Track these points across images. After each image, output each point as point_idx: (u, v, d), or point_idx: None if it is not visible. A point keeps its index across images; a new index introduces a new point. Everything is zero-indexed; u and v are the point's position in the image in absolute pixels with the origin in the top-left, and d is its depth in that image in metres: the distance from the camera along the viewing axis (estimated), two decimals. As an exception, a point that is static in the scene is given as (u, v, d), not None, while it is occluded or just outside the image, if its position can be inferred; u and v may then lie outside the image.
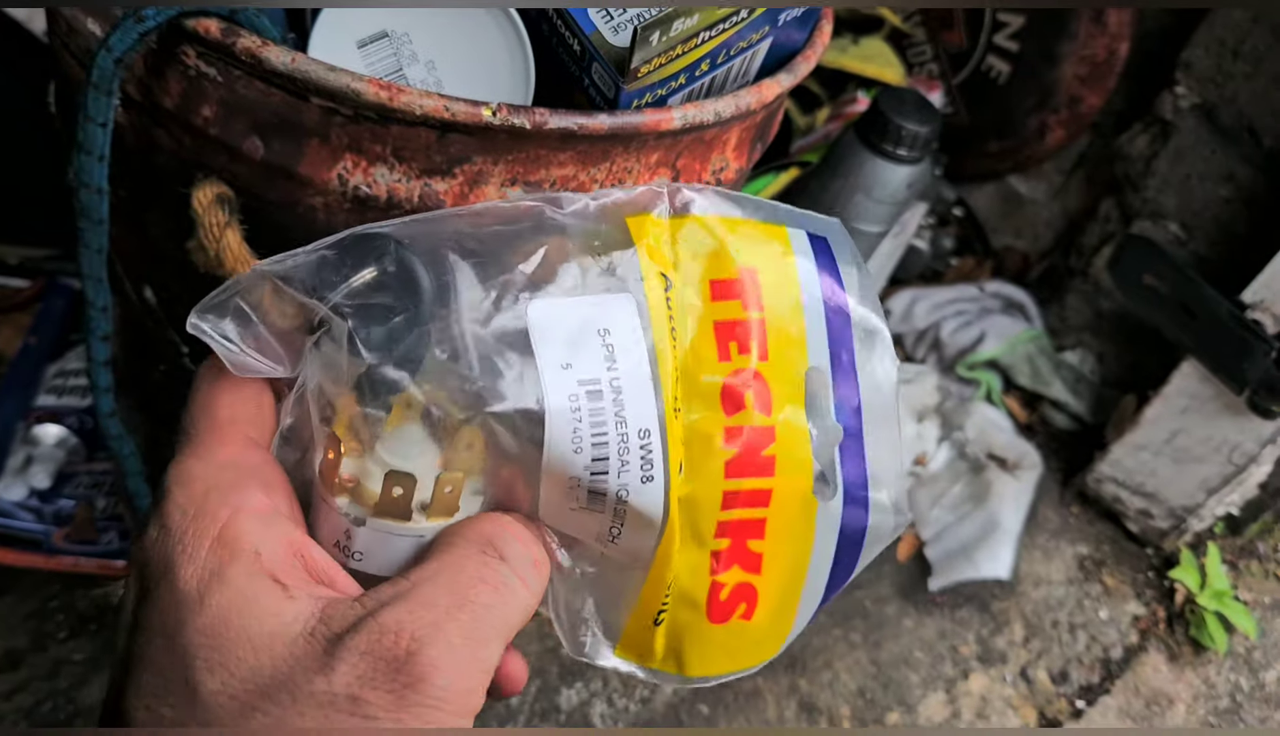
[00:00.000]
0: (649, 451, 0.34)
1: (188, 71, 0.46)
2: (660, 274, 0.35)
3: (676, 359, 0.35)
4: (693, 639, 0.39)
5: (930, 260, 1.23)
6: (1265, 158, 0.98)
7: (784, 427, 0.36)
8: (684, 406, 0.35)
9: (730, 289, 0.36)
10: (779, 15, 0.53)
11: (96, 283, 0.51)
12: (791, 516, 0.38)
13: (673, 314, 0.35)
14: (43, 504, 0.81)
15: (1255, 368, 0.89)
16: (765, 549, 0.38)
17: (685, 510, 0.36)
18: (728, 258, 0.36)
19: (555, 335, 0.34)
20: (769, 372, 0.36)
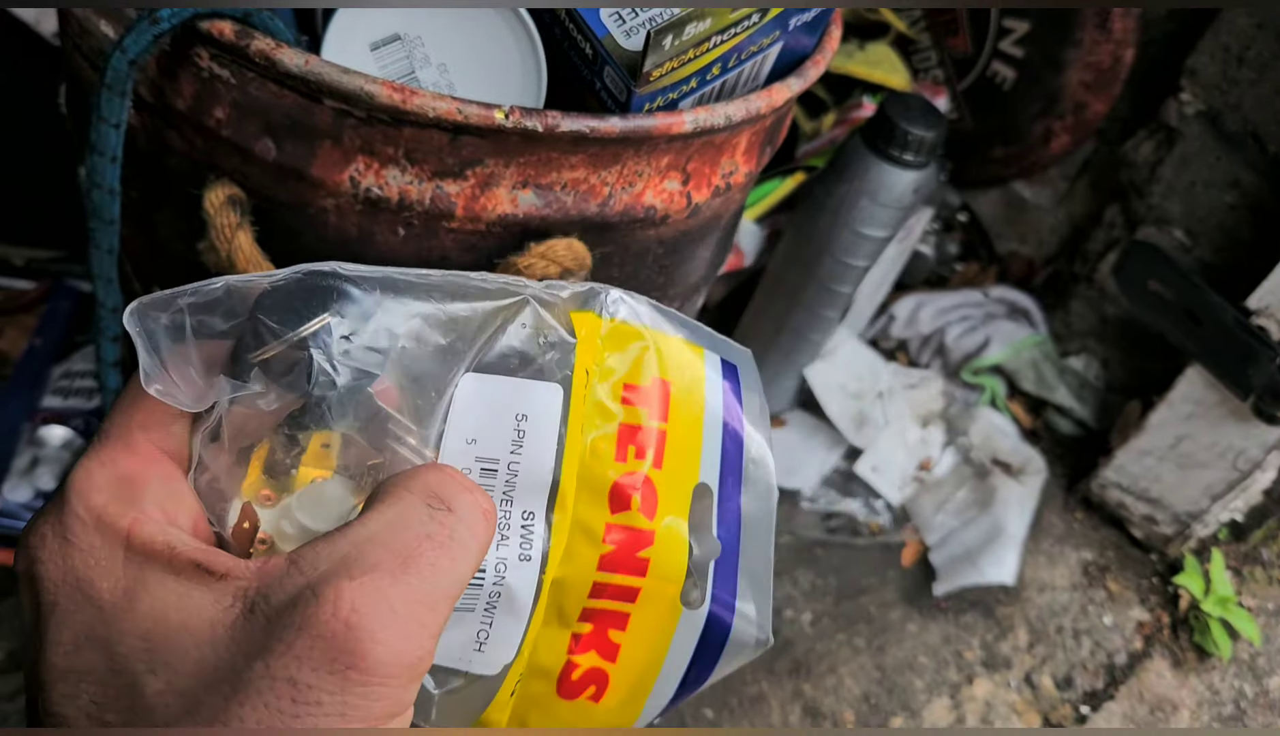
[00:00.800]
0: (530, 532, 0.36)
1: (201, 73, 0.46)
2: (586, 370, 0.37)
3: (580, 453, 0.37)
4: (539, 711, 0.40)
5: (935, 265, 1.23)
6: (1270, 164, 0.98)
7: (664, 533, 0.38)
8: (575, 498, 0.37)
9: (641, 396, 0.38)
10: (790, 20, 0.53)
11: (107, 283, 0.51)
12: (655, 615, 0.39)
13: (586, 410, 0.37)
14: (48, 505, 0.81)
15: (1260, 373, 0.89)
16: (624, 640, 0.39)
17: (555, 591, 0.37)
18: (646, 367, 0.38)
19: (473, 409, 0.35)
20: (660, 480, 0.38)
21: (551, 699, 0.39)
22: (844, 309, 1.02)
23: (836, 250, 0.95)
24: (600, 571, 0.37)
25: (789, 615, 0.93)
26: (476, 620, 0.36)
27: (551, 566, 0.36)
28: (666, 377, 0.39)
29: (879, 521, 1.04)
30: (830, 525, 1.02)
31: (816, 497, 1.04)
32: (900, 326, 1.19)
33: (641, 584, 0.38)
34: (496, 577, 0.35)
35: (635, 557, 0.38)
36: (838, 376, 1.08)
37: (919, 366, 1.19)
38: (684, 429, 0.39)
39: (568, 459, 0.36)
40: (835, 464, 1.07)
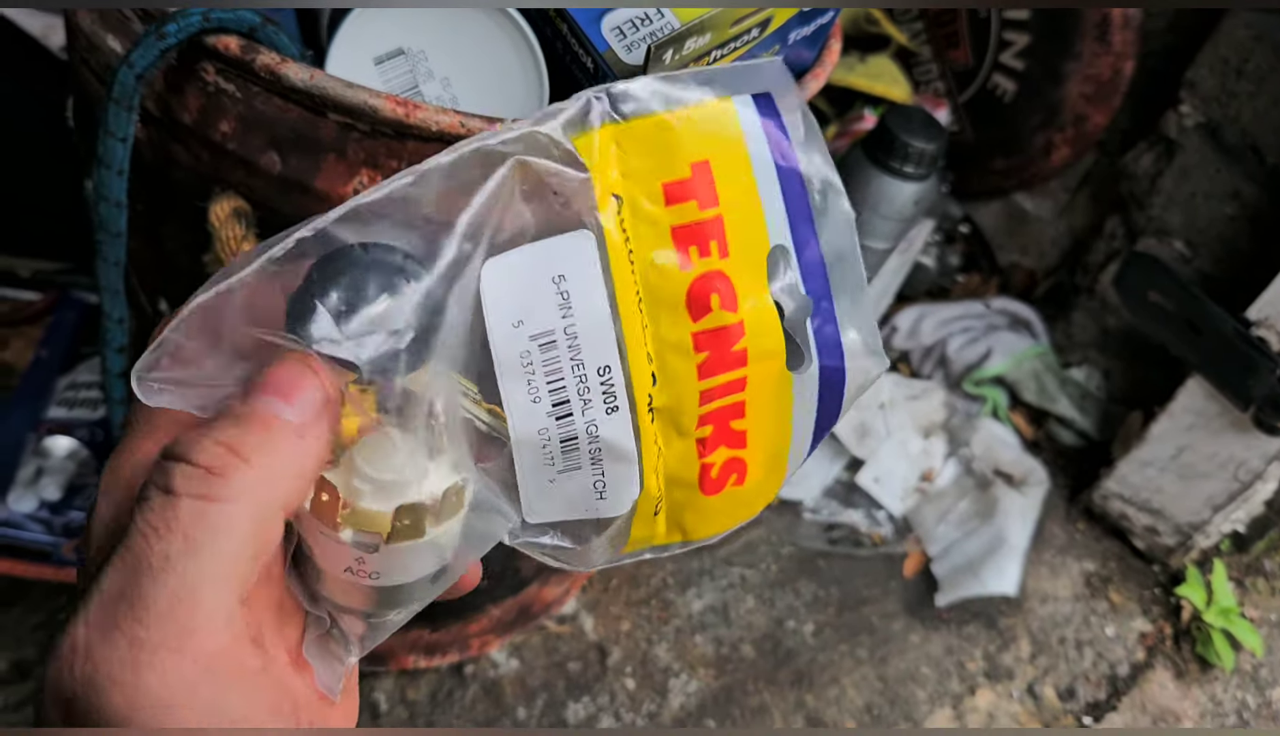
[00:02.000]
0: (610, 384, 0.34)
1: (207, 87, 0.47)
2: (613, 194, 0.34)
3: (637, 278, 0.35)
4: (692, 512, 0.39)
5: (937, 276, 1.24)
6: (1269, 176, 0.99)
7: (752, 317, 0.37)
8: (650, 321, 0.36)
9: (684, 190, 0.35)
10: (790, 34, 0.54)
11: (114, 295, 0.52)
12: (769, 393, 0.38)
13: (629, 235, 0.35)
14: (53, 516, 0.82)
15: (1260, 384, 0.89)
16: (748, 426, 0.38)
17: (664, 417, 0.37)
18: (677, 155, 0.35)
19: (507, 293, 0.33)
20: (732, 268, 0.36)
21: (698, 500, 0.39)
22: (845, 320, 1.02)
23: (838, 262, 0.95)
24: (703, 380, 0.36)
25: (791, 626, 0.94)
26: (588, 476, 0.35)
27: (645, 399, 0.35)
28: (703, 156, 0.36)
29: (881, 532, 1.04)
30: (832, 536, 1.02)
31: (819, 509, 1.04)
32: (902, 337, 1.19)
33: (745, 373, 0.37)
34: (590, 439, 0.34)
35: (731, 353, 0.37)
36: (839, 387, 1.08)
37: (921, 377, 1.19)
38: (740, 201, 0.36)
39: (622, 295, 0.34)
40: (837, 475, 1.07)
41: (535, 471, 0.35)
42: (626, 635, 0.89)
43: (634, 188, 0.35)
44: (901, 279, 1.11)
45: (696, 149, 0.35)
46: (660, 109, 0.35)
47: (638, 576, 0.94)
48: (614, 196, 0.34)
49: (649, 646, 0.89)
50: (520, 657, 0.86)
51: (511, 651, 0.86)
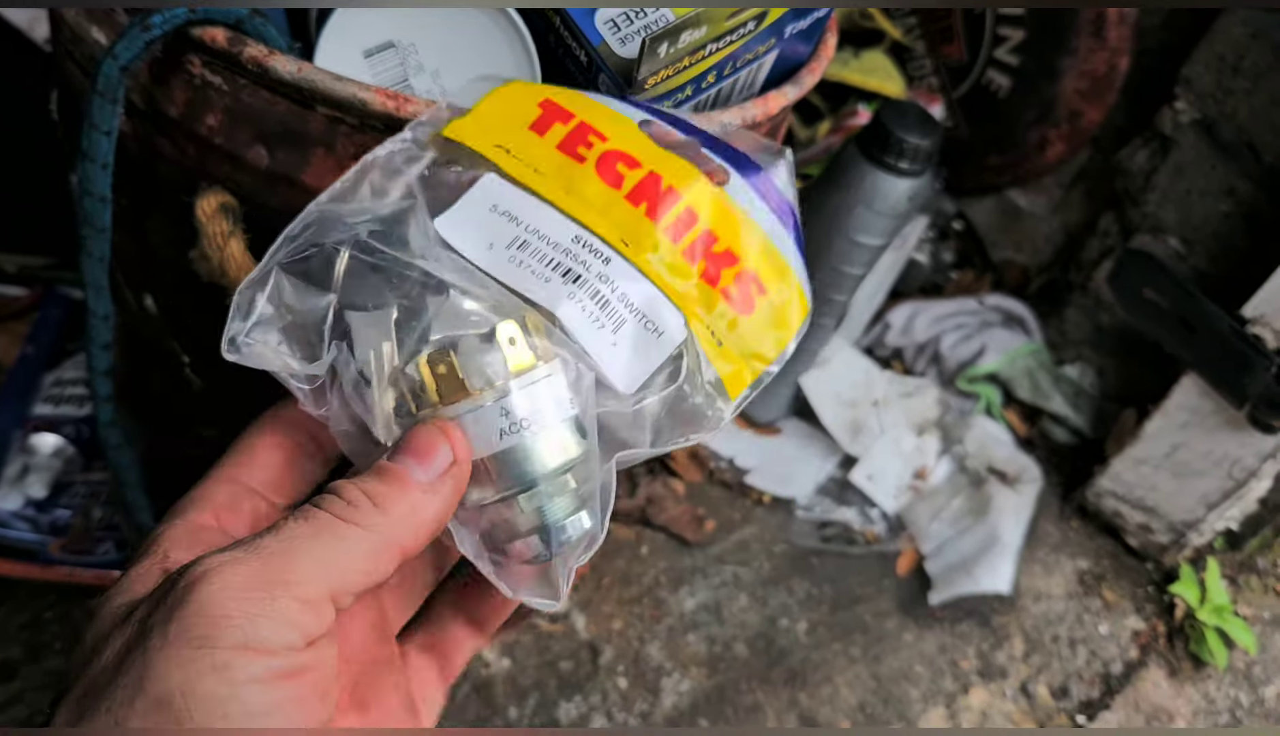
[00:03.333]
0: (589, 246, 0.40)
1: (193, 80, 0.46)
2: (494, 145, 0.42)
3: (563, 190, 0.41)
4: (750, 333, 0.43)
5: (930, 273, 1.23)
6: (1265, 173, 0.98)
7: (623, 141, 0.42)
8: (581, 200, 0.41)
9: (544, 122, 0.42)
10: (785, 28, 0.53)
11: (98, 291, 0.51)
12: (718, 213, 0.42)
13: (531, 160, 0.42)
14: (39, 513, 0.81)
15: (1255, 382, 0.89)
16: (726, 244, 0.43)
17: (647, 257, 0.41)
18: (522, 104, 0.43)
19: (466, 232, 0.39)
20: (612, 143, 0.42)
21: (743, 320, 0.42)
22: (839, 317, 1.01)
23: (832, 258, 0.94)
24: (655, 219, 0.41)
25: (784, 624, 0.93)
26: (634, 320, 0.39)
27: (624, 247, 0.40)
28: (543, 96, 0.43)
29: (874, 530, 1.03)
30: (826, 534, 1.02)
31: (812, 506, 1.04)
32: (896, 334, 1.19)
33: (687, 200, 0.42)
34: (610, 287, 0.39)
35: (654, 188, 0.41)
36: (833, 385, 1.08)
37: (914, 374, 1.18)
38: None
39: (547, 192, 0.40)
40: (831, 472, 1.07)
41: (595, 338, 0.38)
42: (619, 634, 0.89)
43: (512, 142, 0.41)
44: (895, 275, 1.11)
45: (532, 97, 0.43)
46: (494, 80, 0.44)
47: (629, 575, 0.93)
48: (501, 144, 0.41)
49: (641, 645, 0.88)
50: (511, 656, 0.85)
51: (503, 650, 0.85)
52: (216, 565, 0.30)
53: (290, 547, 0.31)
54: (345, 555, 0.32)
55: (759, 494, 1.03)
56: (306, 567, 0.31)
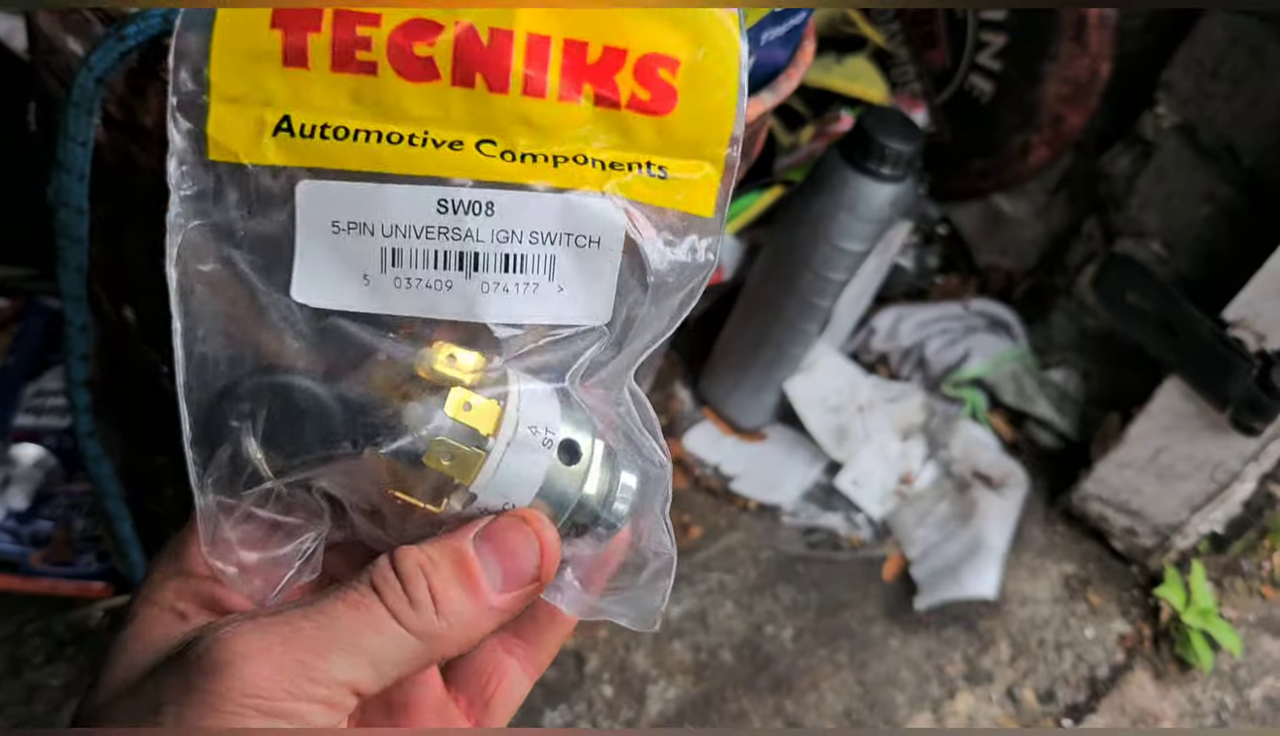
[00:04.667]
0: (462, 203, 0.33)
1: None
2: (271, 135, 0.32)
3: (374, 122, 0.32)
4: (676, 131, 0.34)
5: (915, 278, 1.24)
6: (1245, 176, 0.99)
7: (400, 9, 0.32)
8: (414, 128, 0.32)
9: (292, 46, 0.31)
10: (762, 34, 0.53)
11: (75, 301, 0.51)
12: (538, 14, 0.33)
13: (319, 122, 0.32)
14: (20, 525, 0.80)
15: (1237, 385, 0.89)
16: (577, 33, 0.33)
17: (514, 131, 0.33)
18: (254, 29, 0.31)
19: (324, 277, 0.32)
20: (397, 15, 0.31)
21: (663, 121, 0.34)
22: (823, 322, 1.01)
23: (815, 263, 0.95)
24: (600, 110, 0.33)
25: (770, 631, 0.93)
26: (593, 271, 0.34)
27: (504, 156, 0.32)
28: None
29: (860, 535, 1.03)
30: (811, 540, 1.02)
31: (797, 512, 1.04)
32: (880, 340, 1.19)
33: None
34: (550, 238, 0.33)
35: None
36: (818, 390, 1.08)
37: (899, 380, 1.19)
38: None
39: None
40: (816, 478, 1.07)
41: (537, 305, 0.33)
42: (604, 642, 0.88)
43: (283, 100, 0.32)
44: (879, 280, 1.11)
45: (257, 14, 0.32)
46: (205, 24, 0.32)
47: (616, 582, 0.93)
48: (278, 126, 0.32)
49: (627, 653, 0.88)
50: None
51: (488, 659, 0.85)
52: (244, 654, 0.28)
53: (325, 634, 0.29)
54: (384, 658, 0.30)
55: (744, 500, 1.03)
56: (341, 666, 0.29)
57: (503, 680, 0.38)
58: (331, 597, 0.30)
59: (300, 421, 0.32)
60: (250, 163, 0.31)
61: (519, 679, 0.38)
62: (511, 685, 0.38)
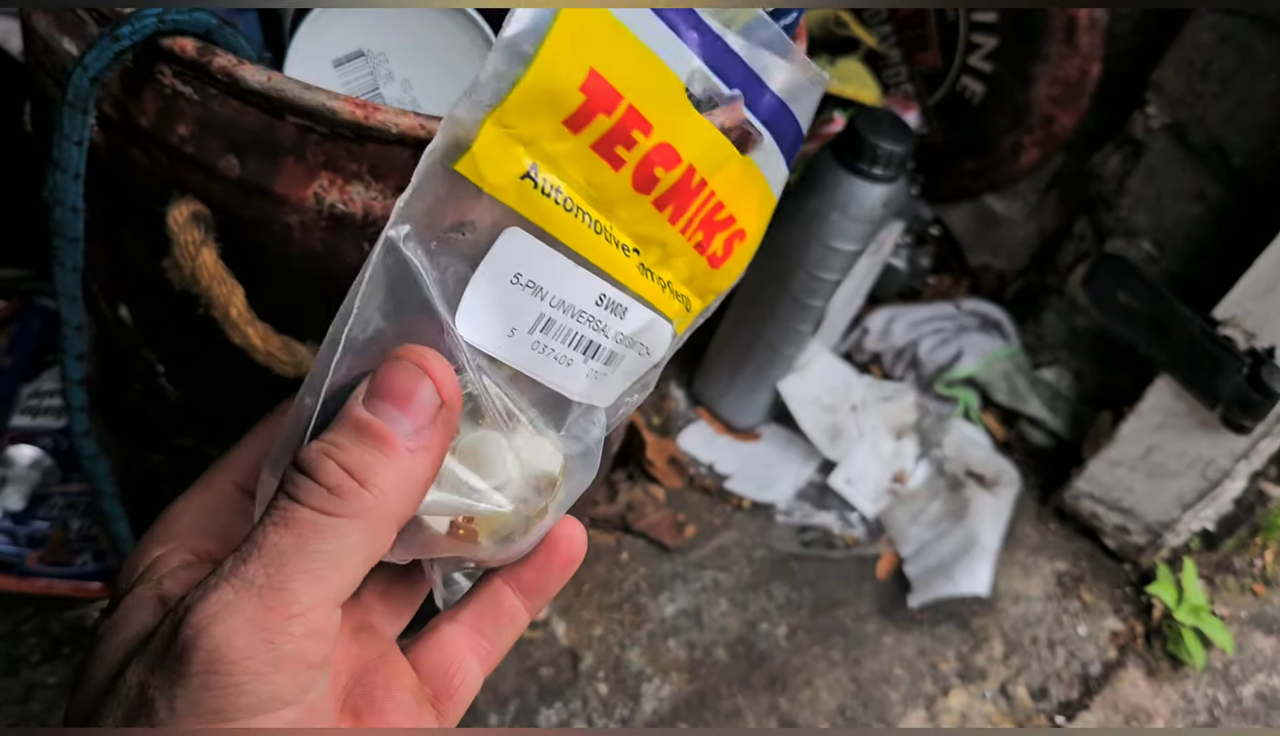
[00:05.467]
0: (611, 301, 0.36)
1: (164, 90, 0.46)
2: (518, 177, 0.33)
3: (586, 209, 0.35)
4: (714, 280, 0.40)
5: (908, 278, 1.24)
6: (1234, 176, 1.00)
7: (690, 149, 0.36)
8: (613, 221, 0.36)
9: (585, 113, 0.33)
10: (752, 35, 0.53)
11: (71, 301, 0.51)
12: (739, 179, 0.38)
13: (558, 185, 0.34)
14: (16, 525, 0.81)
15: (1227, 384, 0.90)
16: (733, 210, 0.39)
17: (657, 263, 0.38)
18: (565, 84, 0.32)
19: (485, 323, 0.34)
20: (661, 133, 0.35)
21: (714, 274, 0.40)
22: (816, 322, 1.02)
23: (808, 264, 0.95)
24: (676, 223, 0.37)
25: (764, 629, 0.93)
26: (634, 355, 0.39)
27: (638, 271, 0.37)
28: (587, 67, 0.33)
29: (854, 534, 1.04)
30: (805, 538, 1.02)
31: (791, 511, 1.04)
32: (873, 339, 1.20)
33: (711, 188, 0.37)
34: (619, 341, 0.37)
35: (691, 189, 0.37)
36: (811, 390, 1.09)
37: (892, 379, 1.19)
38: (640, 71, 0.34)
39: (577, 238, 0.35)
40: (810, 477, 1.07)
41: (594, 388, 0.38)
42: (599, 640, 0.89)
43: (540, 149, 0.33)
44: (872, 281, 1.12)
45: (577, 68, 0.33)
46: (528, 53, 0.32)
47: (610, 581, 0.93)
48: (522, 177, 0.33)
49: (621, 651, 0.89)
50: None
51: (483, 657, 0.85)
52: (211, 616, 0.27)
53: (279, 571, 0.28)
54: (341, 557, 0.29)
55: (739, 499, 1.04)
56: (305, 592, 0.28)
57: (466, 674, 0.38)
58: (261, 528, 0.29)
59: None
60: (489, 192, 0.33)
61: (476, 672, 0.38)
62: (472, 678, 0.38)
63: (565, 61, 0.32)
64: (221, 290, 0.47)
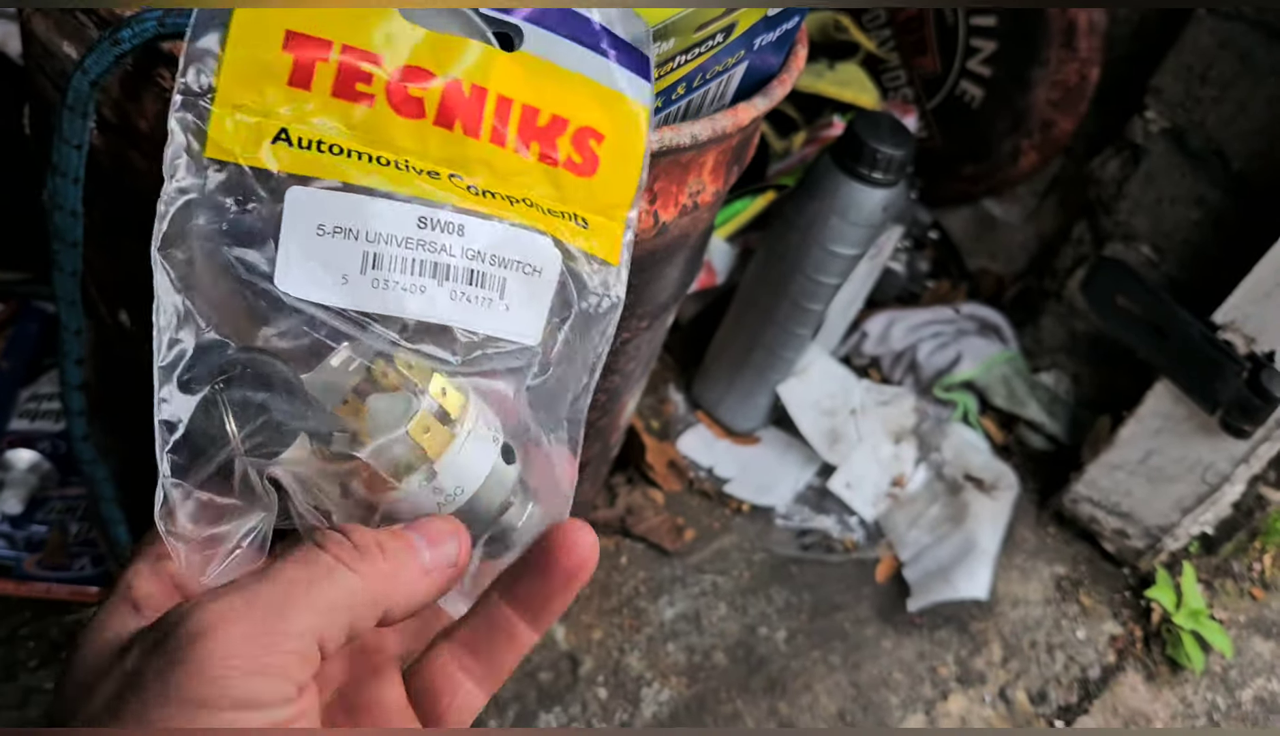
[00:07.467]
0: (440, 222, 0.37)
1: (163, 94, 0.46)
2: (270, 143, 0.35)
3: (363, 145, 0.36)
4: (595, 192, 0.41)
5: (906, 282, 1.24)
6: (1234, 180, 1.00)
7: (398, 53, 0.37)
8: (395, 155, 0.37)
9: (301, 68, 0.36)
10: (755, 40, 0.54)
11: (70, 305, 0.51)
12: (510, 70, 0.39)
13: (315, 137, 0.36)
14: (15, 529, 0.80)
15: (1227, 388, 0.90)
16: (536, 102, 0.39)
17: (475, 169, 0.38)
18: (266, 53, 0.35)
19: (304, 273, 0.36)
20: (397, 58, 0.37)
21: (585, 184, 0.40)
22: (816, 326, 1.02)
23: (807, 268, 0.95)
24: (542, 165, 0.39)
25: (764, 633, 0.93)
26: (513, 276, 0.38)
27: (468, 193, 0.38)
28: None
29: (853, 538, 1.04)
30: (804, 542, 1.02)
31: (790, 515, 1.04)
32: (872, 343, 1.20)
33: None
34: (503, 262, 0.38)
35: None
36: (811, 394, 1.09)
37: (891, 383, 1.19)
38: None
39: (361, 173, 0.36)
40: (809, 481, 1.07)
41: (487, 317, 0.38)
42: (598, 644, 0.89)
43: (282, 114, 0.35)
44: (871, 285, 1.12)
45: (271, 36, 0.35)
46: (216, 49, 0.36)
47: (609, 585, 0.93)
48: (277, 136, 0.35)
49: (621, 655, 0.89)
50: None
51: (482, 662, 0.85)
52: (214, 622, 0.30)
53: (285, 597, 0.31)
54: (339, 605, 0.32)
55: (738, 503, 1.04)
56: (302, 618, 0.31)
57: (455, 695, 0.39)
58: (283, 560, 0.32)
59: (276, 396, 0.35)
60: (247, 164, 0.35)
61: (473, 694, 0.40)
62: (465, 700, 0.40)
63: (254, 36, 0.35)
64: (221, 294, 0.47)
